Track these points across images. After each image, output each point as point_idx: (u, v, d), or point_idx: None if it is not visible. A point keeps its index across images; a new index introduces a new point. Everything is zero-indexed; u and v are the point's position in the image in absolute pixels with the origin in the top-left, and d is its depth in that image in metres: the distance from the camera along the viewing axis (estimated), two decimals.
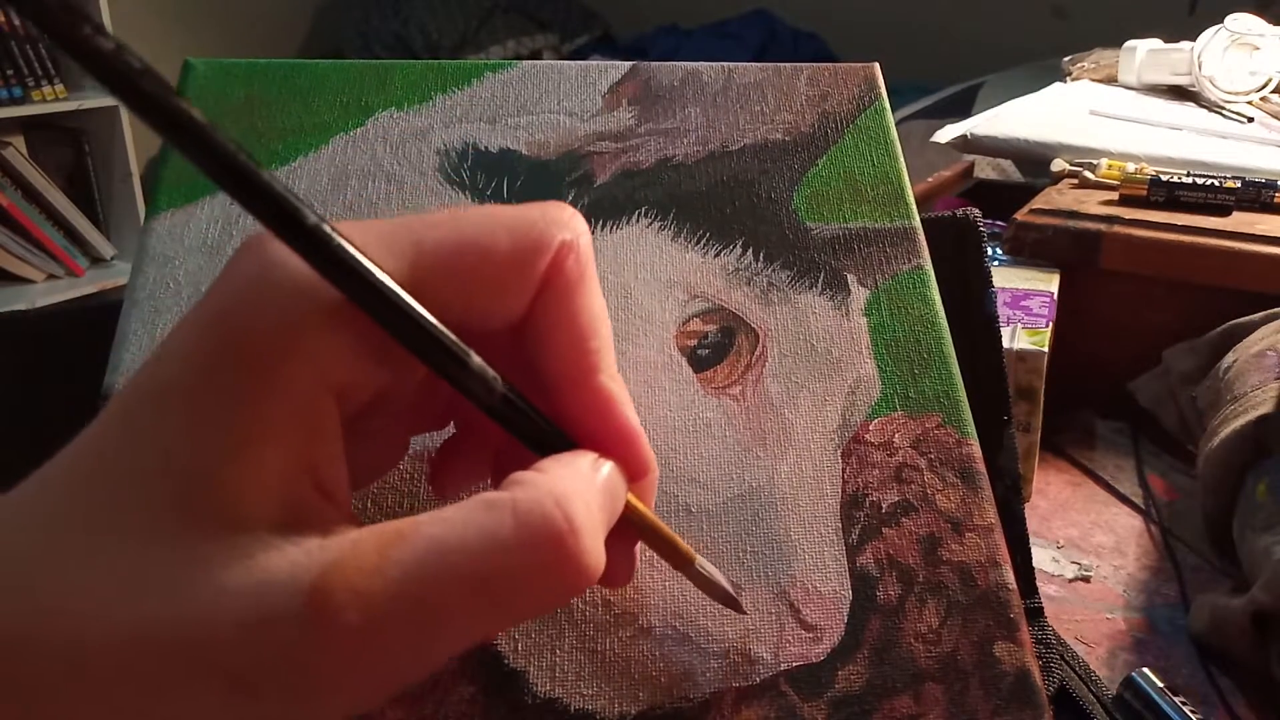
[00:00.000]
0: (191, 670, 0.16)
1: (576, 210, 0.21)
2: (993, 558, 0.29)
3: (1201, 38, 0.84)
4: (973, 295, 0.38)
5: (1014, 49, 1.73)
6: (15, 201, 2.08)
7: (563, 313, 0.20)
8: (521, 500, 0.18)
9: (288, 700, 0.16)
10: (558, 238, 0.20)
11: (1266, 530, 0.42)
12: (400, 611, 0.17)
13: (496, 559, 0.17)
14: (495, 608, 0.17)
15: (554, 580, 0.18)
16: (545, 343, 0.21)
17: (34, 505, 0.17)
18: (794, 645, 0.27)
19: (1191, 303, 0.58)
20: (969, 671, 0.27)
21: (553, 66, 0.38)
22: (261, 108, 0.35)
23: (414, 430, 0.24)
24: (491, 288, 0.20)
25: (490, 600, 0.17)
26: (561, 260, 0.20)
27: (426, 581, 0.17)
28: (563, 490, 0.18)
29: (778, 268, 0.33)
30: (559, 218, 0.20)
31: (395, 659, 0.17)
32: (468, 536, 0.17)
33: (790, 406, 0.31)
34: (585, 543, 0.18)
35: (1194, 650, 0.41)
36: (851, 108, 0.37)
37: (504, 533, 0.17)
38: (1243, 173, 0.64)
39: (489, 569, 0.17)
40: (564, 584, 0.18)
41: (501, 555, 0.17)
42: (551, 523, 0.18)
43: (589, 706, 0.26)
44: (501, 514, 0.18)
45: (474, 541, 0.17)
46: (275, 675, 0.16)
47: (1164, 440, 0.57)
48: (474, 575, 0.17)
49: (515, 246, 0.20)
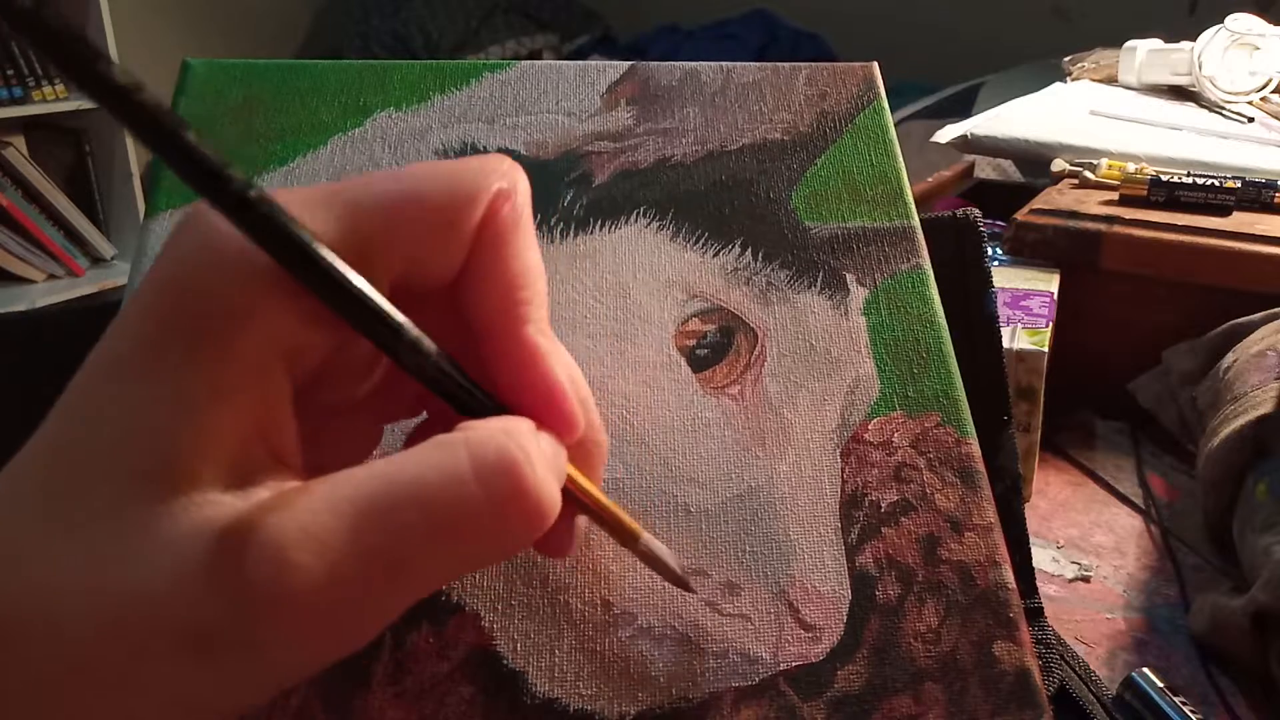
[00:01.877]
0: (151, 632, 0.16)
1: (517, 164, 0.21)
2: (992, 557, 0.29)
3: (1202, 38, 0.84)
4: (972, 295, 0.38)
5: (1014, 49, 1.72)
6: (15, 201, 2.08)
7: (495, 261, 0.20)
8: (473, 437, 0.18)
9: (245, 656, 0.16)
10: (493, 185, 0.20)
11: (1266, 530, 0.42)
12: (355, 551, 0.16)
13: (453, 492, 0.17)
14: (453, 545, 0.17)
15: (512, 513, 0.17)
16: (477, 294, 0.20)
17: (6, 491, 0.17)
18: (793, 645, 0.27)
19: (1191, 303, 0.58)
20: (968, 671, 0.27)
21: (551, 66, 0.38)
22: (260, 108, 0.35)
23: (385, 418, 0.23)
24: (429, 238, 0.19)
25: (448, 538, 0.17)
26: (497, 208, 0.20)
27: (381, 517, 0.16)
28: (514, 427, 0.18)
29: (776, 267, 0.33)
30: (496, 167, 0.20)
31: (352, 604, 0.16)
32: (422, 472, 0.17)
33: (789, 406, 0.31)
34: (540, 472, 0.18)
35: (1194, 650, 0.41)
36: (850, 107, 0.37)
37: (459, 466, 0.17)
38: (1243, 173, 0.64)
39: (445, 502, 0.17)
40: (522, 518, 0.18)
41: (458, 487, 0.17)
42: (506, 453, 0.17)
43: (588, 706, 0.26)
44: (455, 449, 0.17)
45: (429, 476, 0.17)
46: (228, 629, 0.16)
47: (1164, 440, 0.57)
48: (431, 510, 0.17)
49: (451, 195, 0.20)
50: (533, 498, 0.18)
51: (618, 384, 0.31)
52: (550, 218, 0.34)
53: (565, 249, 0.33)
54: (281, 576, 0.16)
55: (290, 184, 0.34)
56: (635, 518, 0.28)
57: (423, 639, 0.27)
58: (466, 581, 0.28)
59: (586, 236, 0.33)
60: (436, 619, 0.27)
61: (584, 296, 0.32)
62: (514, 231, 0.20)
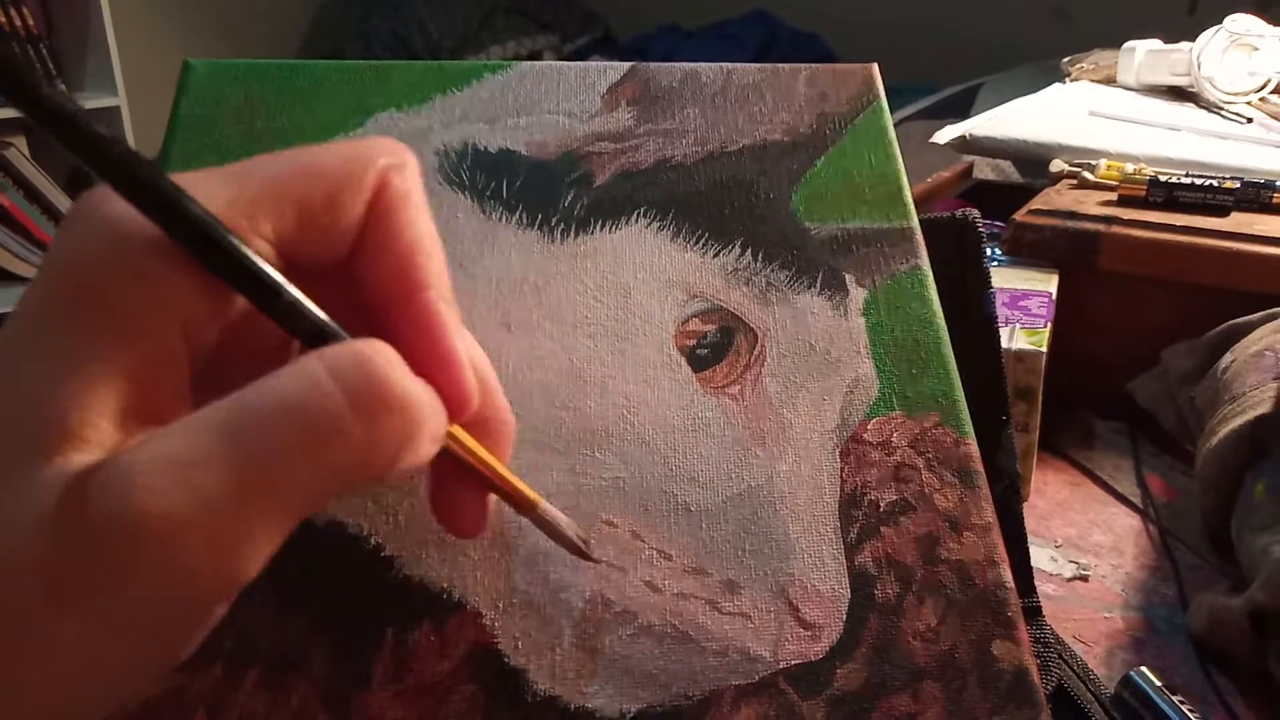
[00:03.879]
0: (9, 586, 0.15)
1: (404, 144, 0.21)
2: (990, 557, 0.29)
3: (1201, 38, 0.84)
4: (971, 295, 0.38)
5: (1014, 49, 1.73)
6: (16, 201, 2.08)
7: (388, 231, 0.20)
8: (327, 350, 0.17)
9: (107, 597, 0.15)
10: (381, 160, 0.20)
11: (1265, 530, 0.42)
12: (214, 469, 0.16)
13: (311, 399, 0.17)
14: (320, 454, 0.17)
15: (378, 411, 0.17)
16: (372, 265, 0.20)
17: None
18: (793, 643, 0.27)
19: (1190, 303, 0.58)
20: (967, 670, 0.27)
21: (552, 67, 0.38)
22: (261, 108, 0.35)
23: None
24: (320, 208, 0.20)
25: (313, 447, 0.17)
26: (386, 179, 0.20)
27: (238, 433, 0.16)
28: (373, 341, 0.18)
29: (776, 268, 0.34)
30: (386, 145, 0.21)
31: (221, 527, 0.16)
32: (278, 385, 0.17)
33: (789, 406, 0.31)
34: (402, 373, 0.18)
35: (1192, 649, 0.41)
36: (850, 108, 0.37)
37: (316, 374, 0.17)
38: (1242, 173, 0.64)
39: (305, 411, 0.16)
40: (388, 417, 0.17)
41: (316, 394, 0.17)
42: (363, 355, 0.17)
43: (589, 705, 0.26)
44: (310, 361, 0.17)
45: (287, 388, 0.17)
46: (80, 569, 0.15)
47: (1162, 440, 0.57)
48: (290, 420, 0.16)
49: (342, 168, 0.20)
50: (397, 393, 0.17)
51: (618, 384, 0.31)
52: (551, 218, 0.34)
53: (566, 249, 0.33)
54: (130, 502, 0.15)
55: None
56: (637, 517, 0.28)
57: (424, 637, 0.27)
58: (468, 579, 0.28)
59: (587, 237, 0.34)
60: (437, 617, 0.27)
61: (584, 296, 0.32)
62: (405, 201, 0.21)
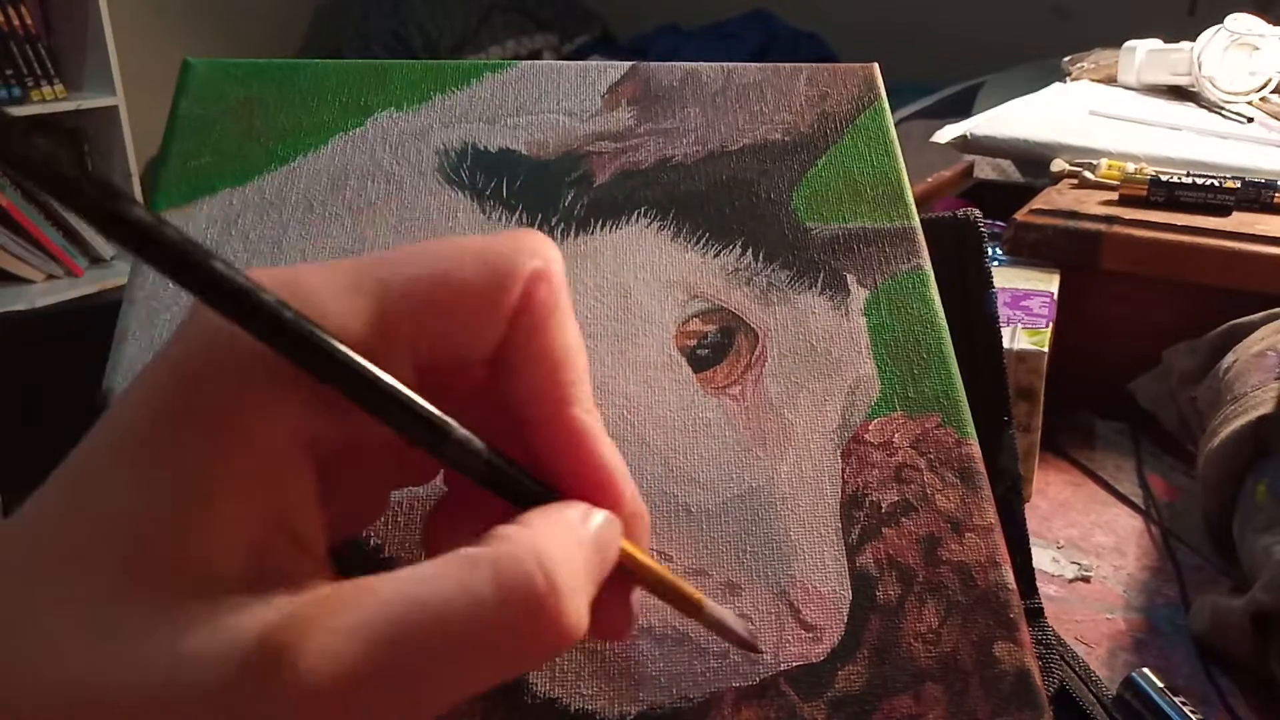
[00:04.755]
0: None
1: (548, 236, 0.21)
2: (992, 558, 0.29)
3: (1201, 38, 0.84)
4: (972, 295, 0.38)
5: (1014, 49, 1.72)
6: (15, 202, 2.08)
7: (535, 344, 0.20)
8: (503, 558, 0.17)
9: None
10: (529, 266, 0.19)
11: (1267, 530, 0.42)
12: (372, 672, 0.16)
13: (474, 620, 0.17)
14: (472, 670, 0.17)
15: (533, 643, 0.17)
16: (518, 376, 0.20)
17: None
18: (794, 645, 0.27)
19: (1191, 303, 0.58)
20: (969, 671, 0.27)
21: (552, 67, 0.38)
22: (261, 108, 0.35)
23: (395, 484, 0.23)
24: (463, 323, 0.19)
25: (467, 662, 0.17)
26: (533, 289, 0.19)
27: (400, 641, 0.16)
28: (545, 548, 0.17)
29: (777, 268, 0.33)
30: (530, 245, 0.20)
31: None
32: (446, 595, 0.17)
33: (790, 406, 0.31)
34: (566, 604, 0.17)
35: (1194, 650, 0.41)
36: (851, 108, 0.37)
37: (483, 592, 0.17)
38: (1243, 173, 0.64)
39: (466, 630, 0.17)
40: (543, 646, 0.17)
41: (479, 616, 0.17)
42: (532, 583, 0.17)
43: (589, 706, 0.26)
44: (481, 572, 0.17)
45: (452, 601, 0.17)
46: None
47: (1164, 440, 0.57)
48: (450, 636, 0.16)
49: (486, 279, 0.19)
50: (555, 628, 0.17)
51: (618, 384, 0.31)
52: (551, 218, 0.34)
53: (566, 249, 0.33)
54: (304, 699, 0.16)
55: (291, 183, 0.34)
56: None
57: None
58: None
59: (587, 237, 0.33)
60: None
61: (584, 297, 0.32)
62: (553, 314, 0.20)
